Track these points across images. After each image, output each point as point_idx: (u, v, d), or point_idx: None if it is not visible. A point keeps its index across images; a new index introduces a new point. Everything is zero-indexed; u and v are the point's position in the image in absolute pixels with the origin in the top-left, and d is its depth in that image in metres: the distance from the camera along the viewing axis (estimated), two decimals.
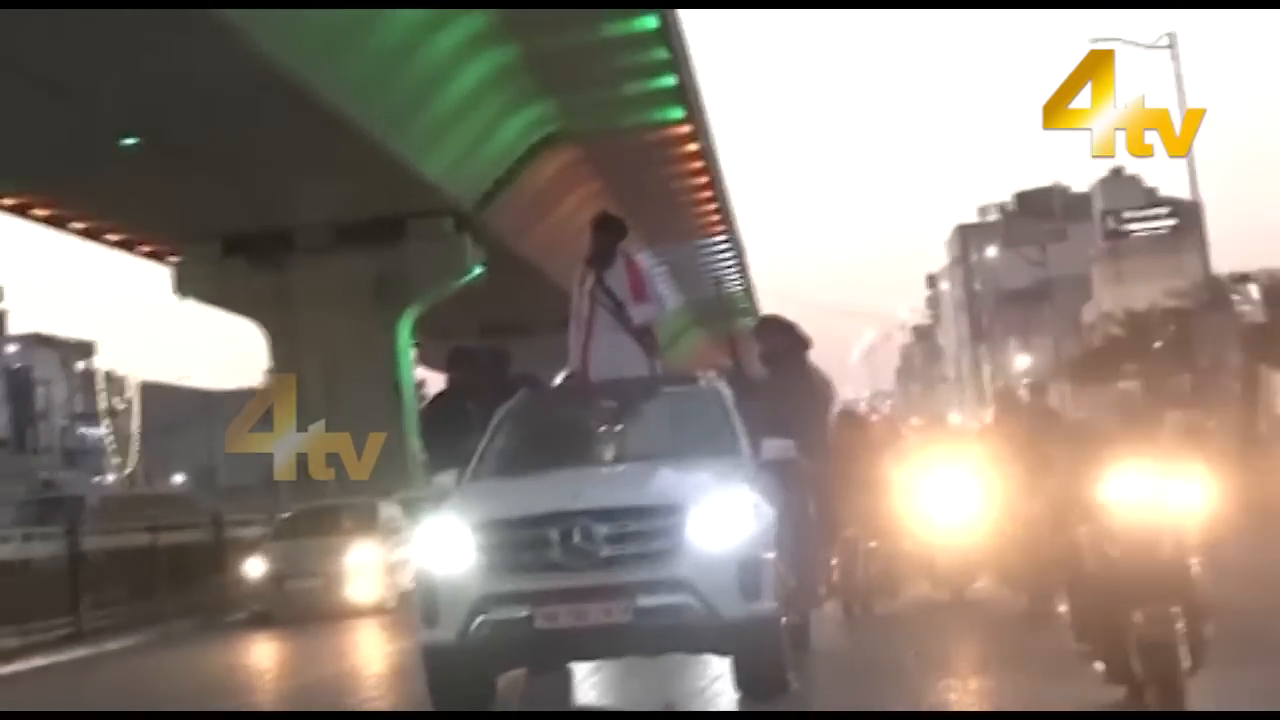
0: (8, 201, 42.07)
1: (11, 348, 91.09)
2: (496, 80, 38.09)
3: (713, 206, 55.16)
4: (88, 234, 46.49)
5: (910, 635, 13.41)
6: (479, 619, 8.87)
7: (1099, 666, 8.00)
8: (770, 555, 9.22)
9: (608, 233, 11.62)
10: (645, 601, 8.71)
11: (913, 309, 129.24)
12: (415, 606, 9.48)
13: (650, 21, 37.42)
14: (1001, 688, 9.96)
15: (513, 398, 10.94)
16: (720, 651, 9.41)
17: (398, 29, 32.98)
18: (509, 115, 40.36)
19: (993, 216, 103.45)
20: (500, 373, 11.72)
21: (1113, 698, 7.99)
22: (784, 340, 12.40)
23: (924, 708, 9.37)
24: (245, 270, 42.10)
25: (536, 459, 10.11)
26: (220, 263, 42.38)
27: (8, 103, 28.67)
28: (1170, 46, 37.44)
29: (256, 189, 37.72)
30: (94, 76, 27.99)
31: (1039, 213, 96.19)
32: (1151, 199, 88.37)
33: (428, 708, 9.50)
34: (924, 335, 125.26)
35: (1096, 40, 39.41)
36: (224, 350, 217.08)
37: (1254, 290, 41.68)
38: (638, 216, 38.75)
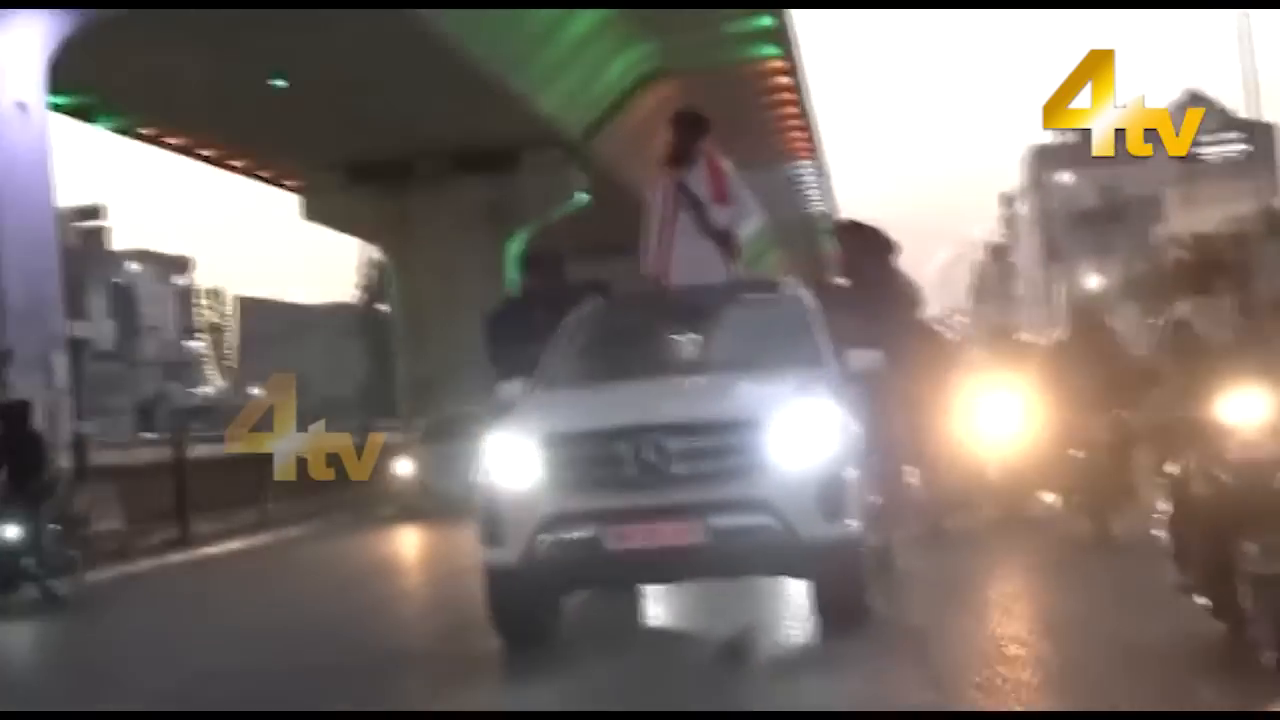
0: (145, 131, 45.25)
1: (115, 264, 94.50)
2: (606, 24, 41.02)
3: (802, 134, 57.91)
4: (214, 161, 49.72)
5: (989, 556, 13.27)
6: (544, 538, 8.46)
7: (1201, 600, 7.47)
8: (854, 473, 8.69)
9: (689, 129, 11.08)
10: (720, 521, 8.29)
11: (988, 229, 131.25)
12: (478, 523, 8.86)
13: None
14: (1094, 620, 9.18)
15: (584, 304, 10.48)
16: (799, 575, 8.94)
17: None
18: (615, 55, 43.22)
19: (1068, 137, 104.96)
20: (561, 278, 11.39)
21: (1215, 632, 7.45)
22: (866, 244, 12.12)
23: (1011, 636, 8.86)
24: (368, 197, 45.33)
25: (607, 369, 9.78)
26: (345, 190, 45.64)
27: (174, 51, 31.73)
28: None
29: (382, 121, 40.70)
30: (254, 27, 30.93)
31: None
32: (1226, 122, 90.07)
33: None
34: (999, 254, 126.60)
35: None
36: (316, 265, 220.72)
37: None
38: (731, 143, 41.40)
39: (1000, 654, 8.23)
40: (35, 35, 23.09)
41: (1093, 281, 77.79)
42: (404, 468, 27.18)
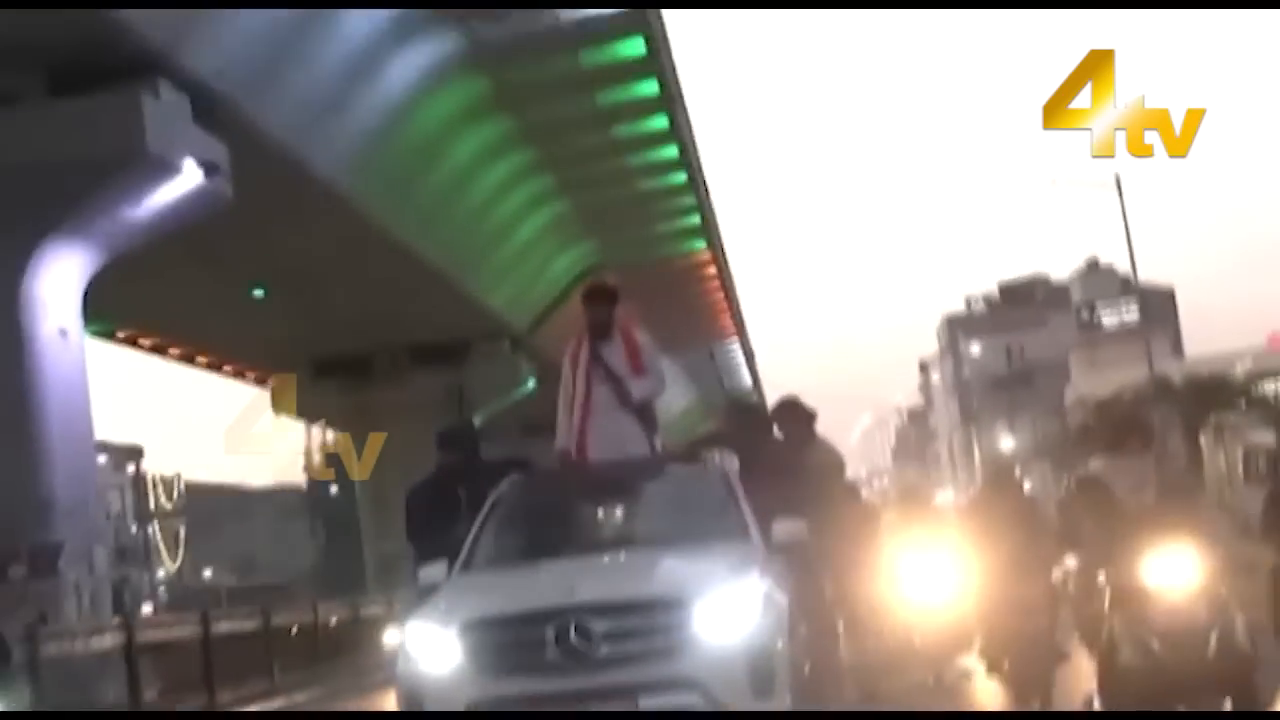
0: (122, 335, 48.48)
1: None
2: (551, 227, 45.05)
3: (728, 318, 62.07)
4: (182, 357, 53.07)
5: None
6: None
7: None
8: (783, 647, 8.49)
9: (601, 302, 10.77)
10: (649, 702, 8.02)
11: (906, 394, 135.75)
12: (399, 712, 8.68)
13: (680, 176, 44.46)
14: None
15: (502, 480, 10.25)
16: None
17: (478, 194, 39.95)
18: (559, 253, 47.19)
19: (978, 306, 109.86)
20: (476, 453, 11.12)
21: None
22: (792, 417, 12.00)
23: None
24: (333, 390, 48.78)
25: (529, 548, 9.55)
26: (311, 384, 49.02)
27: (171, 270, 35.15)
28: (1117, 187, 44.28)
29: (345, 321, 44.29)
30: (243, 240, 34.40)
31: (1021, 302, 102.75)
32: (1125, 288, 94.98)
33: None
34: (917, 418, 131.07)
35: (1052, 180, 46.65)
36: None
37: None
38: (663, 328, 45.65)
39: None
40: (74, 268, 26.57)
41: (1006, 442, 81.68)
42: (392, 637, 30.27)
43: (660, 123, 40.83)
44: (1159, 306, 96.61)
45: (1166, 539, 7.25)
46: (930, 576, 14.59)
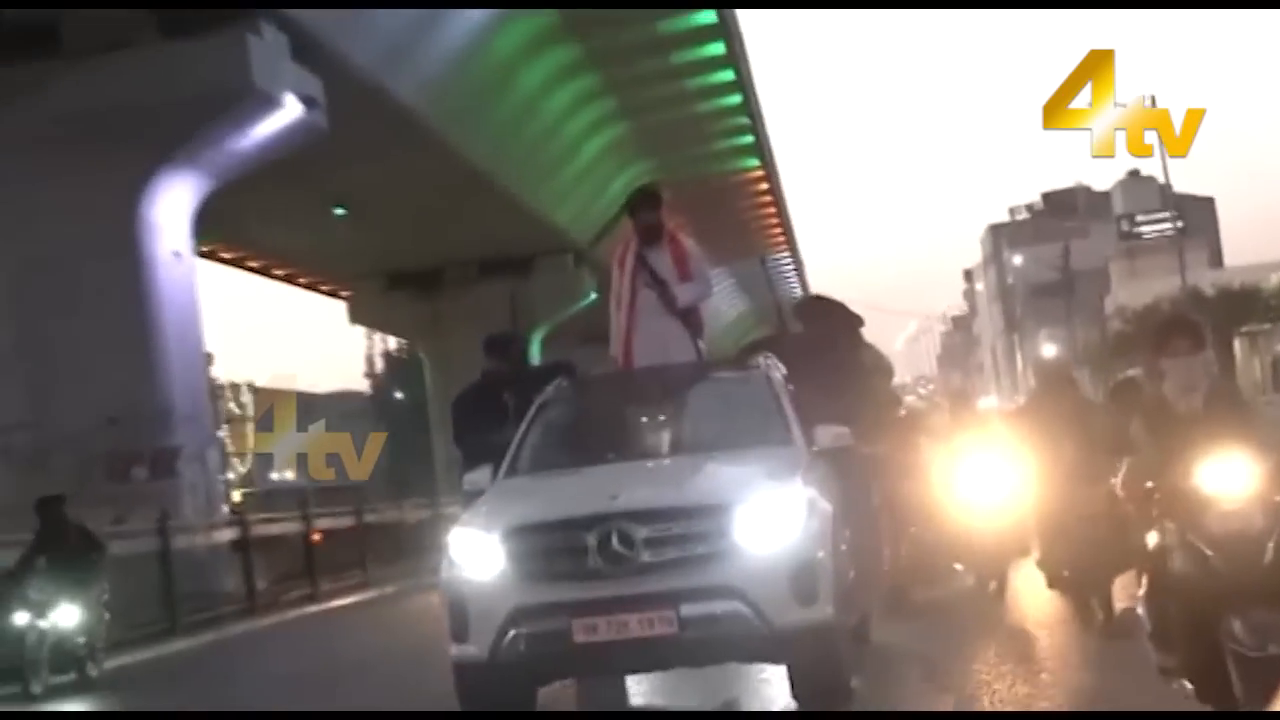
0: (219, 252, 50.44)
1: None
2: (613, 147, 46.82)
3: (779, 231, 63.76)
4: (260, 271, 55.25)
5: (969, 630, 12.46)
6: (512, 633, 8.15)
7: (1185, 684, 6.78)
8: (826, 555, 8.36)
9: (648, 208, 10.73)
10: (690, 611, 7.94)
11: (951, 304, 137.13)
12: (444, 620, 8.61)
13: (735, 98, 46.12)
14: (1079, 702, 8.83)
15: (548, 386, 10.11)
16: (774, 661, 8.61)
17: (546, 118, 41.78)
18: (619, 172, 48.93)
19: (1022, 216, 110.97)
20: (522, 360, 11.05)
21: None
22: (829, 321, 11.57)
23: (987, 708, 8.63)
24: (405, 301, 50.97)
25: (573, 454, 9.40)
26: (385, 295, 51.26)
27: (255, 185, 37.04)
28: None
29: (418, 236, 46.36)
30: (331, 168, 36.33)
31: (1064, 211, 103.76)
32: (1165, 199, 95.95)
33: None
34: (962, 325, 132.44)
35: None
36: (324, 353, 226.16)
37: None
38: (715, 241, 47.49)
39: None
40: (185, 195, 28.59)
41: (1048, 349, 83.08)
42: None
43: (717, 49, 42.46)
44: (1199, 216, 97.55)
45: (1219, 444, 6.80)
46: (985, 480, 13.99)
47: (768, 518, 8.15)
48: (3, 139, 26.49)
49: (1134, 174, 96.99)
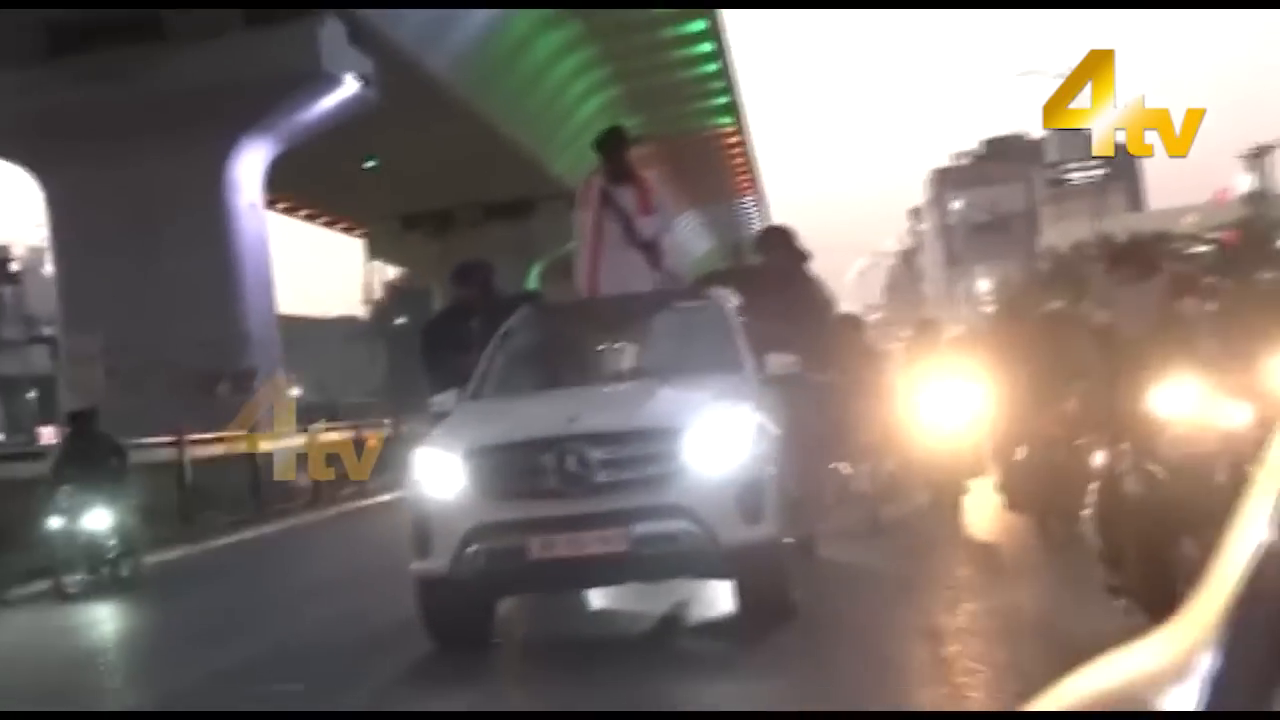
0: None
1: None
2: (606, 107, 50.54)
3: (747, 177, 67.67)
4: (285, 211, 58.75)
5: (918, 547, 11.89)
6: (472, 548, 8.01)
7: (1132, 602, 6.44)
8: (772, 475, 8.24)
9: (613, 147, 10.64)
10: (642, 528, 7.84)
11: (898, 239, 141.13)
12: (408, 534, 8.36)
13: (713, 66, 49.99)
14: (1022, 616, 8.42)
15: (514, 314, 9.96)
16: (721, 576, 8.47)
17: (550, 84, 45.57)
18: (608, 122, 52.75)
19: (964, 161, 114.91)
20: (491, 288, 10.77)
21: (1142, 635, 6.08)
22: (786, 251, 11.42)
23: (932, 622, 8.34)
24: (419, 240, 54.68)
25: (535, 379, 9.40)
26: (401, 235, 54.99)
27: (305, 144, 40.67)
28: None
29: (433, 182, 50.05)
30: (365, 128, 39.94)
31: (1002, 157, 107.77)
32: (1093, 146, 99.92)
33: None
34: (908, 258, 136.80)
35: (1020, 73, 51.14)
36: (318, 282, 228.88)
37: None
38: (691, 186, 51.49)
39: (919, 649, 7.66)
40: (259, 158, 32.38)
41: (983, 284, 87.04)
42: None
43: (699, 25, 46.20)
44: (1124, 163, 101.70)
45: (1170, 366, 6.63)
46: (946, 404, 13.47)
47: (716, 440, 8.05)
48: (115, 110, 30.16)
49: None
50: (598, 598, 9.98)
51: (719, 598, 8.81)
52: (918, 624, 8.25)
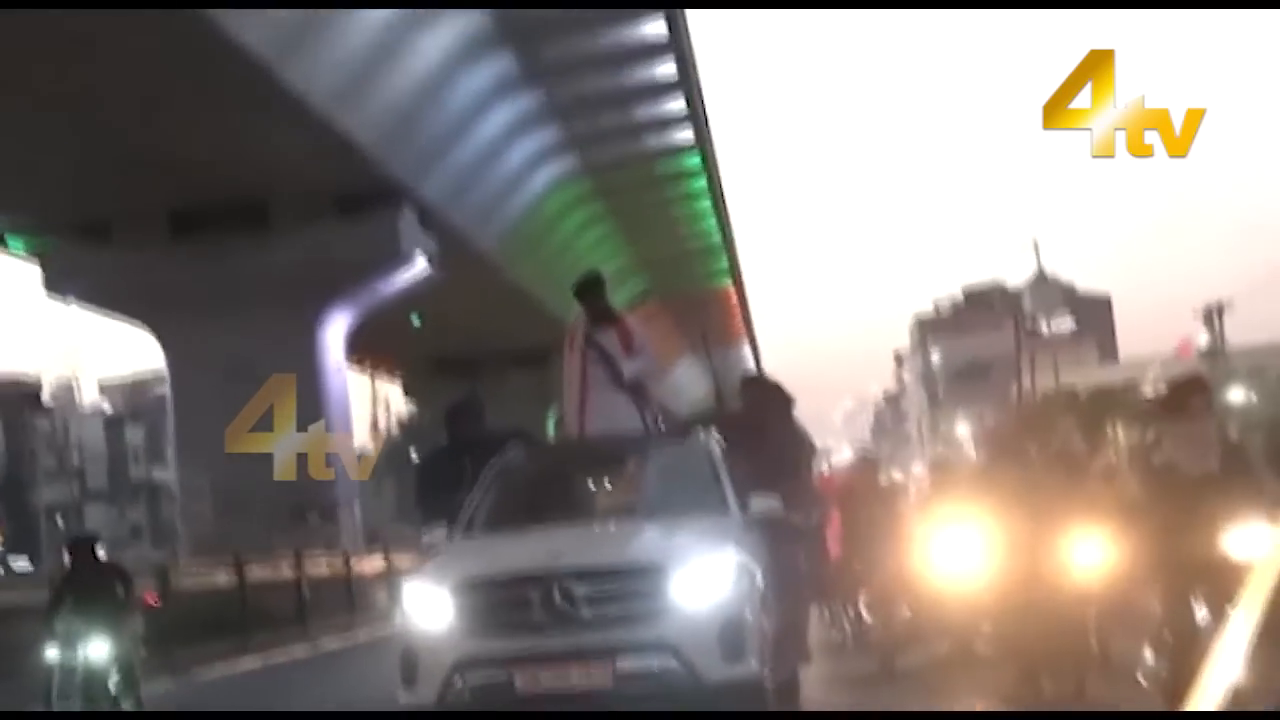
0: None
1: None
2: (620, 270, 57.18)
3: (744, 327, 74.48)
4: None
5: (909, 695, 11.67)
6: (458, 681, 8.06)
7: None
8: (754, 614, 8.32)
9: (593, 293, 10.87)
10: (626, 664, 7.94)
11: (881, 382, 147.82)
12: (395, 667, 8.38)
13: (716, 239, 56.94)
14: None
15: (504, 452, 9.99)
16: (703, 712, 8.25)
17: (573, 254, 52.32)
18: (620, 285, 58.43)
19: (945, 309, 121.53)
20: (482, 426, 10.83)
21: None
22: (767, 399, 11.60)
23: None
24: (449, 383, 60.92)
25: (523, 515, 9.30)
26: (433, 377, 61.43)
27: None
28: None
29: (462, 333, 56.50)
30: (420, 298, 46.55)
31: (981, 306, 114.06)
32: (1068, 297, 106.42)
33: None
34: (892, 400, 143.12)
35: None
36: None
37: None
38: (693, 334, 58.13)
39: None
40: (343, 324, 39.13)
41: (962, 428, 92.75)
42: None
43: (704, 202, 53.03)
44: (1095, 313, 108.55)
45: (1236, 508, 6.56)
46: (961, 547, 12.46)
47: (701, 579, 8.17)
48: (225, 285, 36.82)
49: (1040, 276, 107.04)
50: None
51: None
52: None
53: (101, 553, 14.69)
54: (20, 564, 70.82)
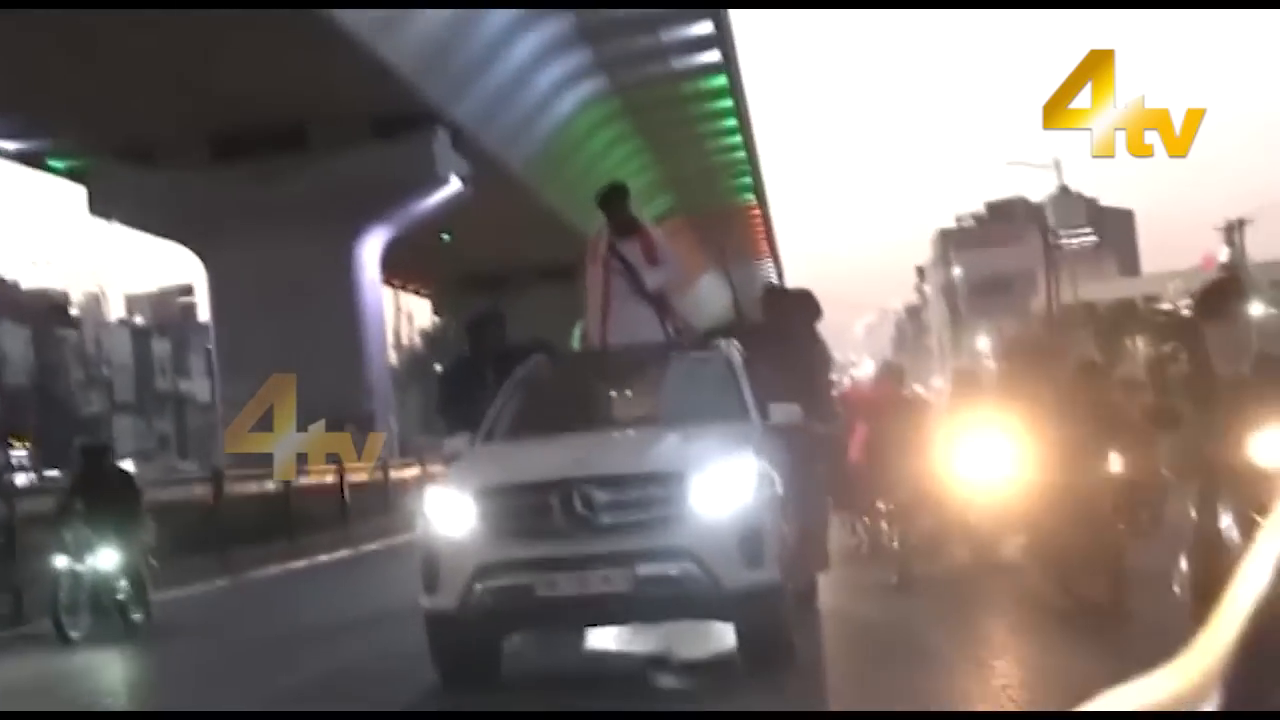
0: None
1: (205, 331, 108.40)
2: (646, 187, 58.39)
3: (766, 243, 75.76)
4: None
5: (931, 603, 11.46)
6: (479, 586, 8.11)
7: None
8: (773, 522, 8.36)
9: (617, 203, 10.83)
10: (645, 570, 7.94)
11: (903, 297, 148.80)
12: (417, 572, 8.45)
13: (740, 153, 58.18)
14: (1031, 679, 7.96)
15: (527, 362, 10.02)
16: (722, 619, 8.56)
17: (603, 169, 53.35)
18: (646, 202, 60.27)
19: (967, 222, 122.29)
20: (504, 338, 10.86)
21: None
22: (795, 307, 11.65)
23: (930, 675, 8.27)
24: (476, 297, 62.30)
25: (545, 424, 9.33)
26: (461, 293, 62.78)
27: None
28: (1057, 169, 56.98)
29: (490, 248, 57.87)
30: (451, 214, 47.95)
31: (1004, 219, 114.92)
32: (1091, 211, 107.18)
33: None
34: (914, 314, 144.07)
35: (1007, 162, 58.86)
36: None
37: None
38: (721, 249, 59.62)
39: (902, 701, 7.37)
40: (379, 241, 40.60)
41: (983, 341, 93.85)
42: None
43: (728, 113, 54.19)
44: (1118, 227, 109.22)
45: (1271, 412, 6.32)
46: (984, 457, 12.54)
47: (720, 486, 8.17)
48: (264, 206, 38.22)
49: (1063, 190, 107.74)
50: (602, 637, 10.12)
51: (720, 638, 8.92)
52: (901, 684, 8.02)
53: (120, 463, 14.62)
54: (53, 474, 72.74)
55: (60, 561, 13.15)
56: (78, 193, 42.76)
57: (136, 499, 14.08)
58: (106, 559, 13.31)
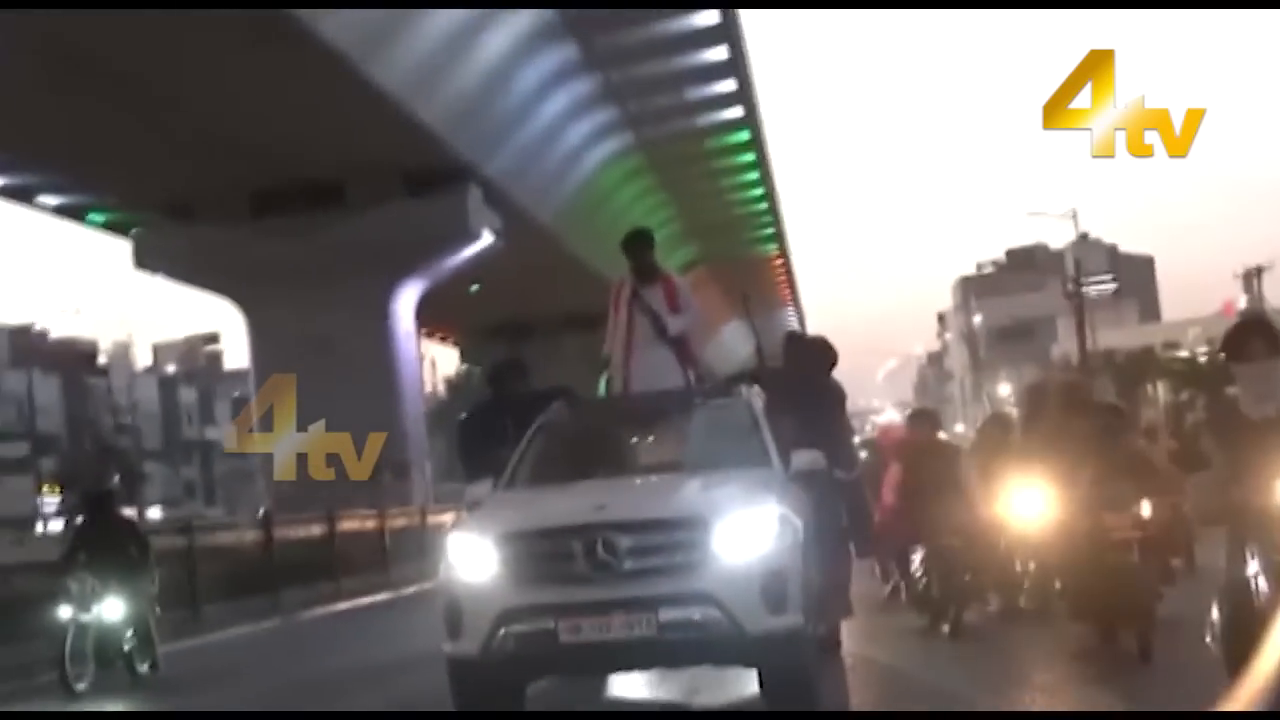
0: None
1: (231, 379, 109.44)
2: (670, 238, 59.73)
3: (789, 291, 77.02)
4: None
5: (960, 652, 11.52)
6: (502, 632, 8.14)
7: None
8: (796, 567, 8.38)
9: (640, 249, 11.12)
10: (668, 615, 7.98)
11: (925, 343, 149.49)
12: (440, 618, 8.45)
13: (763, 204, 59.71)
14: None
15: (548, 409, 10.12)
16: (746, 664, 8.61)
17: (627, 221, 54.68)
18: (671, 253, 61.39)
19: (987, 269, 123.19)
20: (526, 385, 11.00)
21: None
22: (811, 353, 11.84)
23: None
24: (501, 346, 63.70)
25: (567, 470, 9.42)
26: (487, 343, 64.13)
27: None
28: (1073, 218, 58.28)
29: (517, 298, 58.98)
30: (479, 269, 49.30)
31: (1023, 267, 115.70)
32: (1111, 259, 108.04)
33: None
34: (935, 360, 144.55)
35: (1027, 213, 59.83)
36: None
37: None
38: (739, 297, 60.85)
39: None
40: (413, 295, 42.01)
41: (1004, 388, 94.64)
42: None
43: (749, 158, 55.71)
44: (1138, 274, 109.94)
45: None
46: (1018, 503, 12.59)
47: (743, 532, 8.20)
48: (303, 260, 39.68)
49: (1083, 237, 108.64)
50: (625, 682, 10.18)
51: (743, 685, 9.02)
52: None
53: (121, 510, 14.27)
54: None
55: (66, 611, 13.01)
56: (108, 244, 44.30)
57: (143, 548, 13.84)
58: (112, 609, 13.13)
